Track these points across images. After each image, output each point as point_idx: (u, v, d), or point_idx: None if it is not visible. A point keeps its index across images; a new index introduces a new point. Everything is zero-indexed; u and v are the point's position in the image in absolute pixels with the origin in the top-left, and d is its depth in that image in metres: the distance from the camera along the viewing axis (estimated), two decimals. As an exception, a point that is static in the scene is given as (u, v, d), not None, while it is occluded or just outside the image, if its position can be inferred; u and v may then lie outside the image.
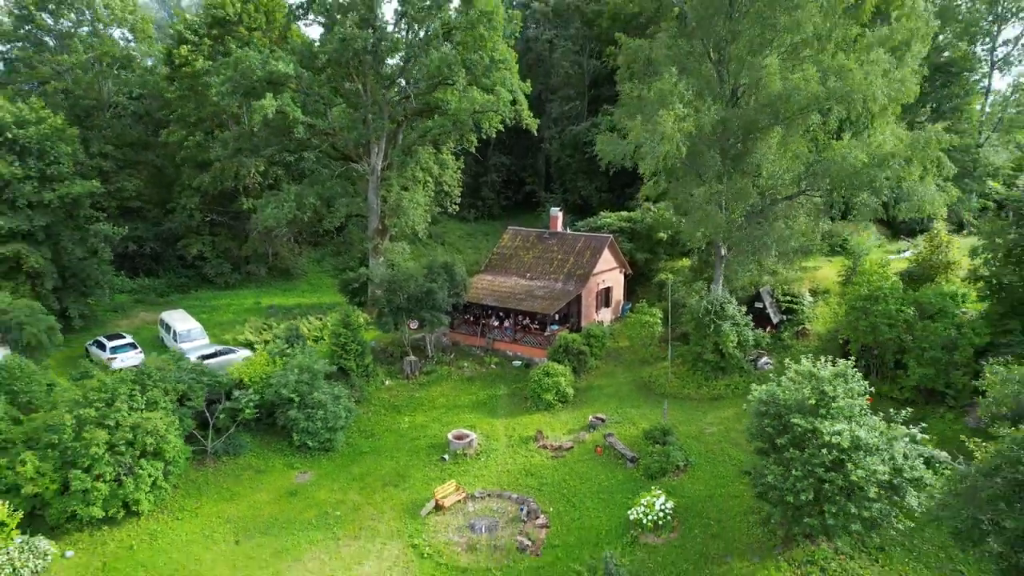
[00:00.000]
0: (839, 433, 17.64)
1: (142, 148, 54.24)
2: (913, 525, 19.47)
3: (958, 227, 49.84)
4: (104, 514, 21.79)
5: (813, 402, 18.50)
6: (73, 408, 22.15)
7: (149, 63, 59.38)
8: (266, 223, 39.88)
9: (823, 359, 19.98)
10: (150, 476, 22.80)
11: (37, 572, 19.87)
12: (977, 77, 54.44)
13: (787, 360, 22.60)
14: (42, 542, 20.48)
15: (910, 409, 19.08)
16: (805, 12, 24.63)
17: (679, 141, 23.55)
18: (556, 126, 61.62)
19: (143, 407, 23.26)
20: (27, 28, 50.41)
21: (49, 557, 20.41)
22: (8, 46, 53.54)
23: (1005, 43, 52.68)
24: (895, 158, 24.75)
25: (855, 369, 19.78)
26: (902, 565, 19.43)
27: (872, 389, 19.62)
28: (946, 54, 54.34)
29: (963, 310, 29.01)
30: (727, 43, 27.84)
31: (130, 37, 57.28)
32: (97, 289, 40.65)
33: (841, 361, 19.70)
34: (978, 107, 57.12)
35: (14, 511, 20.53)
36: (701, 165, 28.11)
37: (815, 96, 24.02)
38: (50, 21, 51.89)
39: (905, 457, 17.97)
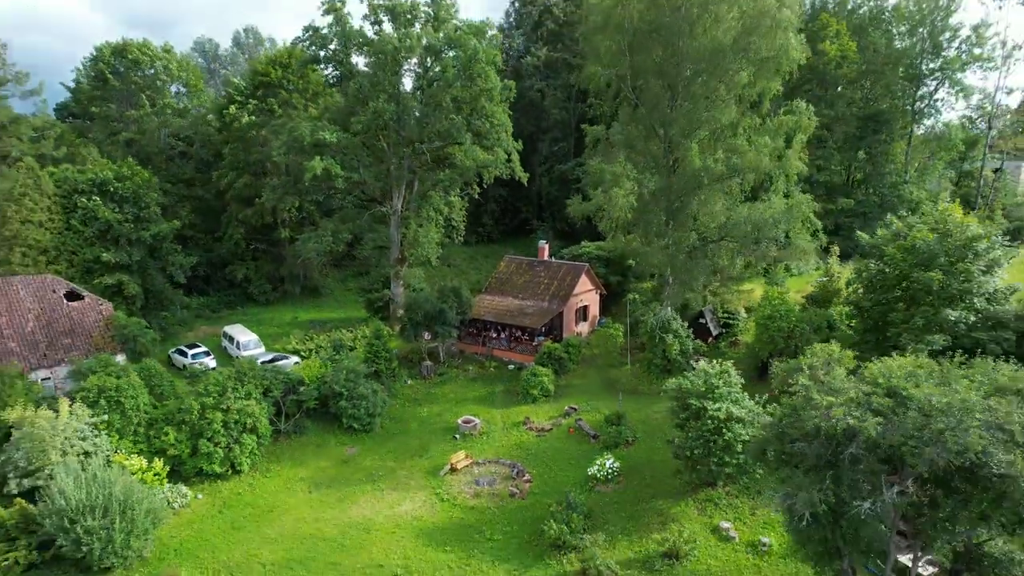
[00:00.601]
0: (719, 409, 26.92)
1: (191, 185, 63.76)
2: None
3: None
4: (220, 470, 31.04)
5: (704, 389, 27.78)
6: (198, 397, 31.44)
7: (194, 111, 69.05)
8: (308, 255, 49.24)
9: (715, 361, 29.26)
10: (248, 446, 32.04)
11: (183, 506, 29.09)
12: (901, 125, 64.09)
13: (702, 363, 31.87)
14: (183, 487, 29.72)
15: (767, 395, 28.41)
16: (718, 110, 33.99)
17: (627, 208, 32.88)
18: (546, 163, 71.15)
19: (243, 396, 32.53)
20: (103, 90, 59.92)
21: (187, 497, 29.61)
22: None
23: (920, 99, 62.35)
24: (777, 220, 34.12)
25: (736, 370, 29.13)
26: (767, 500, 28.61)
27: (742, 381, 28.93)
28: (884, 106, 64.23)
29: (851, 324, 38.35)
30: (669, 125, 37.29)
31: (183, 90, 66.98)
32: (171, 307, 50.01)
33: (726, 363, 29.00)
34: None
35: (164, 466, 29.77)
36: (648, 221, 37.51)
37: (721, 172, 33.39)
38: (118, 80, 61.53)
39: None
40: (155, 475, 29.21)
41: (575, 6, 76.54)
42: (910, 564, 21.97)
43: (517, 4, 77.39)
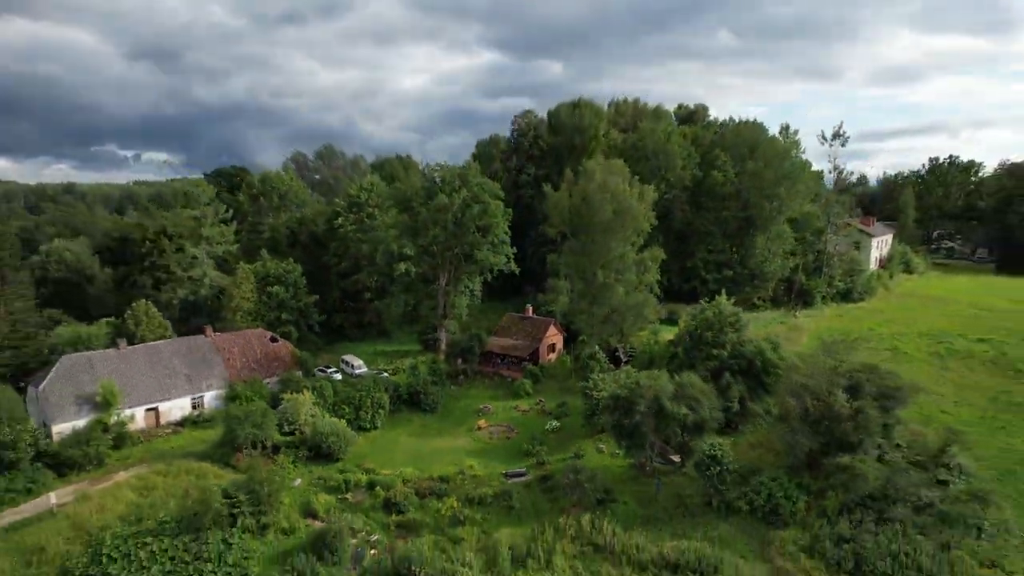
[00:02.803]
0: (599, 394, 59.89)
1: (301, 262, 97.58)
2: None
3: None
4: (368, 427, 64.14)
5: (592, 386, 60.81)
6: (357, 390, 64.83)
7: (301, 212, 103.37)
8: (391, 315, 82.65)
9: (602, 374, 62.31)
10: (380, 415, 65.22)
11: (353, 443, 62.02)
12: (761, 225, 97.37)
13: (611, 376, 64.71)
14: (353, 432, 62.79)
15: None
16: (612, 248, 67.44)
17: (565, 304, 66.05)
18: (534, 246, 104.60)
19: (377, 392, 65.78)
20: (254, 205, 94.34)
21: (356, 438, 62.44)
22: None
23: (771, 210, 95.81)
24: (639, 304, 67.50)
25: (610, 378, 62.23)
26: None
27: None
28: (751, 213, 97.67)
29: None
30: (590, 253, 70.74)
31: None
32: (308, 343, 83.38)
33: (603, 375, 62.09)
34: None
35: (344, 423, 62.89)
36: (578, 302, 70.85)
37: (613, 282, 66.88)
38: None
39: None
40: (342, 426, 62.37)
41: (554, 136, 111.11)
42: (675, 458, 54.98)
43: (516, 134, 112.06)
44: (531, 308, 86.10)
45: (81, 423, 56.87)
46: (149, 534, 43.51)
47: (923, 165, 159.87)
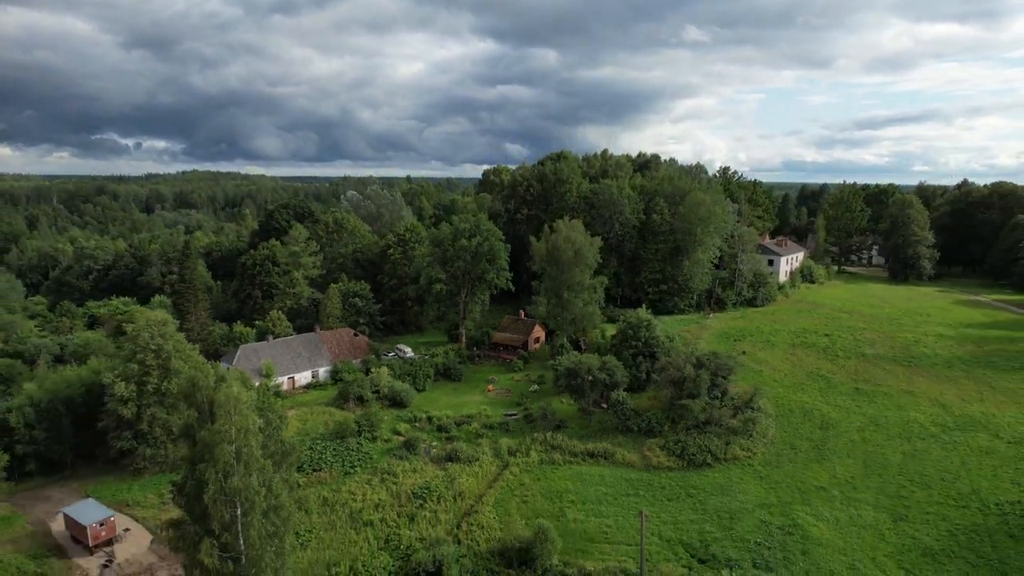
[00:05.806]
0: (560, 367, 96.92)
1: (360, 279, 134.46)
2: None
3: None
4: (420, 389, 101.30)
5: (559, 364, 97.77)
6: (412, 367, 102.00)
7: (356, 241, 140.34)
8: (427, 317, 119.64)
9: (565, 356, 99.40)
10: (428, 381, 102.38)
11: (414, 396, 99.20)
12: (688, 253, 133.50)
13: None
14: (414, 391, 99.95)
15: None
16: (575, 277, 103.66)
17: (545, 313, 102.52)
18: (527, 268, 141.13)
19: (425, 367, 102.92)
20: (328, 237, 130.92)
21: (416, 395, 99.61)
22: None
23: (695, 240, 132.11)
24: (591, 313, 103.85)
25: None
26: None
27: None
28: (679, 244, 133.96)
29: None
30: (561, 279, 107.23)
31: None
32: (373, 337, 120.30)
33: (567, 356, 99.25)
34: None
35: (408, 385, 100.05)
36: (552, 309, 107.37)
37: (574, 300, 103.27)
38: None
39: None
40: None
41: (541, 185, 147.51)
42: (604, 404, 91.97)
43: (514, 183, 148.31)
44: (523, 312, 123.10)
45: (256, 385, 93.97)
46: (315, 440, 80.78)
47: (836, 181, 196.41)
